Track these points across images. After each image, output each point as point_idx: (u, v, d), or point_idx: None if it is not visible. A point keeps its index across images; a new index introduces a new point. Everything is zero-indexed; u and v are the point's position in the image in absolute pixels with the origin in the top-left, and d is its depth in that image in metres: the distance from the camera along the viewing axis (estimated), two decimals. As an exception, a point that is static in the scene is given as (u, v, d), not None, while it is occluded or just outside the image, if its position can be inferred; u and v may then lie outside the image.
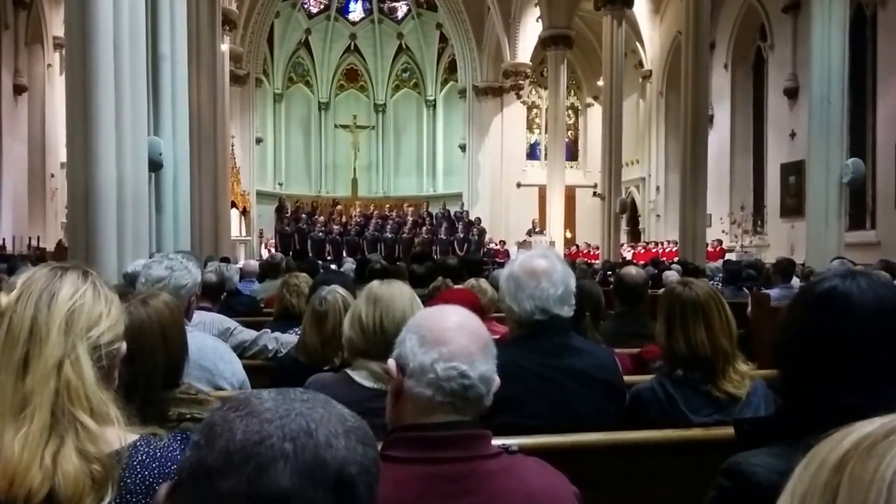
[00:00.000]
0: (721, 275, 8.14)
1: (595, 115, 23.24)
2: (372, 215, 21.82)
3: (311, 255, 16.63)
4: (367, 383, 1.99)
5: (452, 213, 22.21)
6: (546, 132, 22.93)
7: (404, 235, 20.91)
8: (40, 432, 1.00)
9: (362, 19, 26.67)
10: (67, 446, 1.00)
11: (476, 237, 21.08)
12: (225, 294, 4.67)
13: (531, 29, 21.88)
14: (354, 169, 26.13)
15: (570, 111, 24.25)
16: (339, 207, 22.48)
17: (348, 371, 2.07)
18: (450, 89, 26.03)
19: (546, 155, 22.70)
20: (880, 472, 0.44)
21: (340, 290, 2.79)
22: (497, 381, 1.27)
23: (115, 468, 1.03)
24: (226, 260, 8.50)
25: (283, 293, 3.79)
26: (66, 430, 1.01)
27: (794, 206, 16.08)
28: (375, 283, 2.17)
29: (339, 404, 0.71)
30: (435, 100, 26.66)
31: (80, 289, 1.11)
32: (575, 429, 1.94)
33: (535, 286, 1.98)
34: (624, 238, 21.11)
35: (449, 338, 1.23)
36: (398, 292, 2.11)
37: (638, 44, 22.06)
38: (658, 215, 22.10)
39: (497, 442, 1.27)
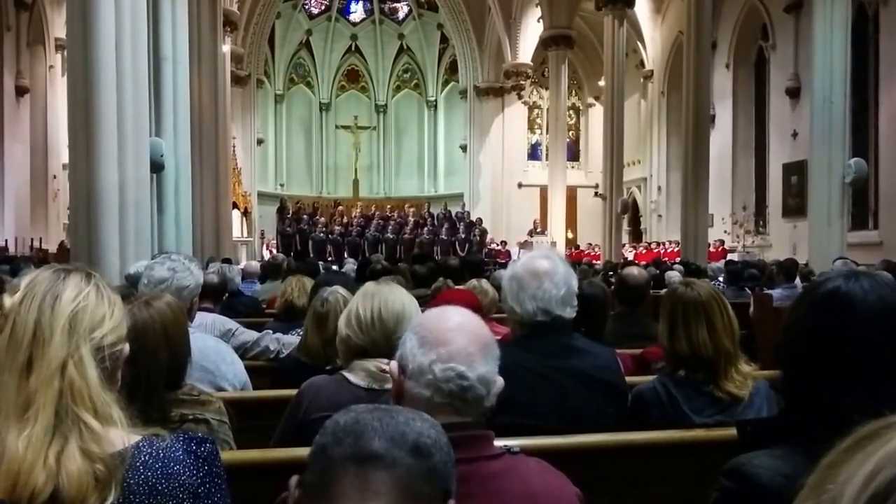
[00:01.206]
0: (723, 275, 8.13)
1: (596, 116, 23.22)
2: (373, 216, 21.82)
3: (312, 255, 16.67)
4: (363, 383, 1.98)
5: (454, 214, 22.21)
6: (547, 132, 22.91)
7: (405, 236, 20.91)
8: (44, 432, 1.00)
9: (363, 20, 26.68)
10: (71, 446, 1.00)
11: (477, 238, 21.07)
12: (227, 295, 4.68)
13: (532, 29, 21.88)
14: (355, 169, 26.14)
15: (571, 111, 24.21)
16: (340, 208, 22.50)
17: (343, 372, 2.05)
18: (451, 90, 26.02)
19: (547, 155, 22.67)
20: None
21: (342, 290, 2.79)
22: (499, 382, 1.26)
23: (119, 468, 1.03)
24: (227, 261, 8.53)
25: (285, 289, 3.85)
26: (69, 431, 1.02)
27: (796, 206, 16.05)
28: (370, 283, 2.18)
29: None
30: (436, 100, 26.66)
31: (83, 290, 1.11)
32: (576, 429, 1.94)
33: (537, 287, 1.98)
34: (625, 238, 21.08)
35: (448, 339, 1.22)
36: (396, 288, 2.13)
37: (639, 44, 22.04)
38: (660, 215, 22.07)
39: (499, 443, 1.27)
